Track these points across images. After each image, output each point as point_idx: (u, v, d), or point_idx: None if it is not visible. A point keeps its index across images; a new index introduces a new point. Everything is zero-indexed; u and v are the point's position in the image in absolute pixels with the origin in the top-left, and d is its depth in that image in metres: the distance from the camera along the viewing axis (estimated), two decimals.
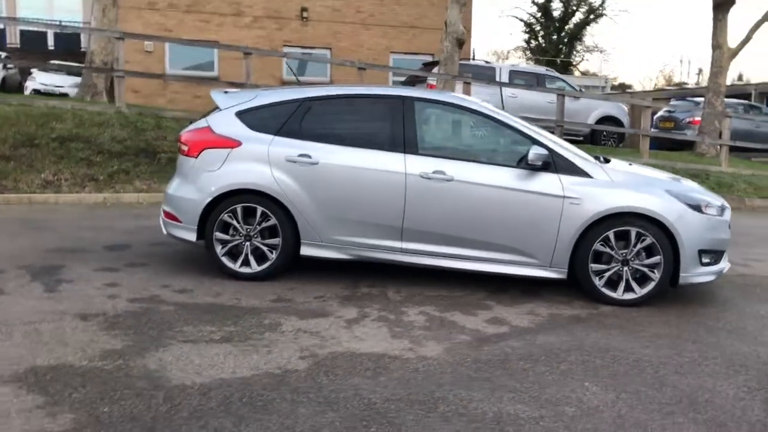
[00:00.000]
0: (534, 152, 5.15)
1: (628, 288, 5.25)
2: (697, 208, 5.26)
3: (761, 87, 32.07)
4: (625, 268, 5.23)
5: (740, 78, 51.71)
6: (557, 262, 5.28)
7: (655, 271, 5.21)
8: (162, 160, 10.03)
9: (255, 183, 5.37)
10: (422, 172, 5.27)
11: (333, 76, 21.18)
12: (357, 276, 5.69)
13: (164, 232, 5.75)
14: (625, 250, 5.21)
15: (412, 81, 16.53)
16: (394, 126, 5.41)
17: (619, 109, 17.25)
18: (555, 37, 45.70)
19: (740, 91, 30.60)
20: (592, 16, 44.81)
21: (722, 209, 5.44)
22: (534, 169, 5.23)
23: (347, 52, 20.18)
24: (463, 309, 5.03)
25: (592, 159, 5.49)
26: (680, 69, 70.74)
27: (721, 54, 16.49)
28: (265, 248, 5.43)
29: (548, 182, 5.23)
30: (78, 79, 17.25)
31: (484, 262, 5.37)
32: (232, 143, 5.43)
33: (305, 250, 5.44)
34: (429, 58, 22.30)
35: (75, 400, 3.29)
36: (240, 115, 5.54)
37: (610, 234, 5.19)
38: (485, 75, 16.18)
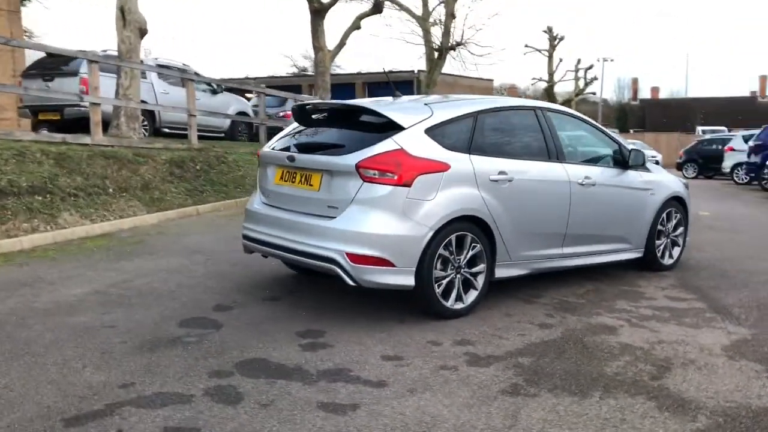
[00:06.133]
0: (647, 154, 6.12)
1: (670, 255, 6.74)
2: (687, 187, 7.07)
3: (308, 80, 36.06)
4: (667, 241, 6.70)
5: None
6: (640, 244, 6.39)
7: (680, 238, 6.84)
8: None
9: (473, 208, 4.86)
10: (578, 178, 5.65)
11: None
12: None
13: (351, 283, 4.58)
14: (668, 226, 6.67)
15: (46, 73, 13.67)
16: (545, 136, 5.57)
17: (247, 104, 17.78)
18: None
19: (288, 83, 33.64)
20: None
21: None
22: (635, 168, 6.18)
23: None
24: (636, 296, 5.72)
25: None
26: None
27: (324, 55, 18.65)
28: (473, 278, 4.98)
29: (636, 178, 6.27)
30: None
31: (604, 254, 6.09)
32: (443, 166, 4.75)
33: (499, 273, 5.19)
34: None
35: None
36: (429, 132, 4.84)
37: (664, 215, 6.57)
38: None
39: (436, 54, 23.78)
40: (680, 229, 6.80)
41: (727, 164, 22.04)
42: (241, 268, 6.27)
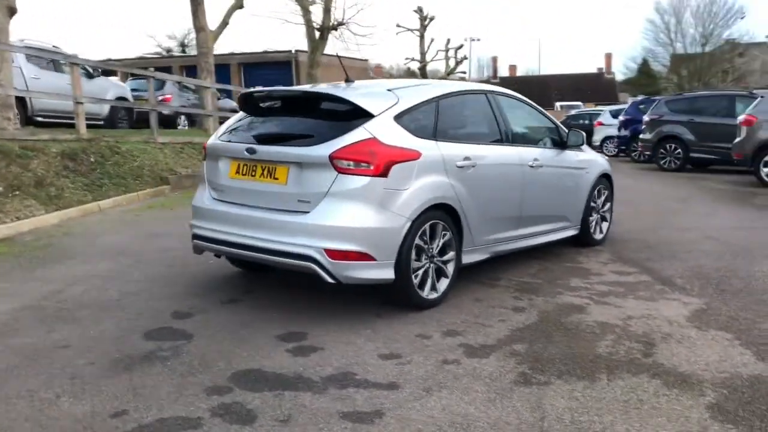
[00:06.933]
0: (583, 136, 6.28)
1: (600, 230, 7.02)
2: (610, 164, 7.38)
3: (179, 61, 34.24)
4: (598, 216, 6.97)
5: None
6: (577, 221, 6.60)
7: (608, 213, 7.14)
8: None
9: (444, 196, 4.79)
10: (529, 161, 5.71)
11: None
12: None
13: (330, 281, 4.35)
14: (598, 202, 6.94)
15: None
16: (497, 120, 5.58)
17: (126, 89, 16.69)
18: None
19: (158, 65, 31.85)
20: None
21: None
22: (572, 148, 6.34)
23: None
24: (584, 273, 5.90)
25: None
26: None
27: (206, 36, 17.81)
28: (444, 266, 4.92)
29: (573, 158, 6.44)
30: None
31: (550, 234, 6.23)
32: (415, 154, 4.62)
33: (465, 259, 5.16)
34: None
35: None
36: (398, 120, 4.69)
37: (596, 192, 6.82)
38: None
39: (318, 34, 23.36)
40: (608, 205, 7.09)
41: (596, 138, 23.38)
42: (180, 269, 5.84)
